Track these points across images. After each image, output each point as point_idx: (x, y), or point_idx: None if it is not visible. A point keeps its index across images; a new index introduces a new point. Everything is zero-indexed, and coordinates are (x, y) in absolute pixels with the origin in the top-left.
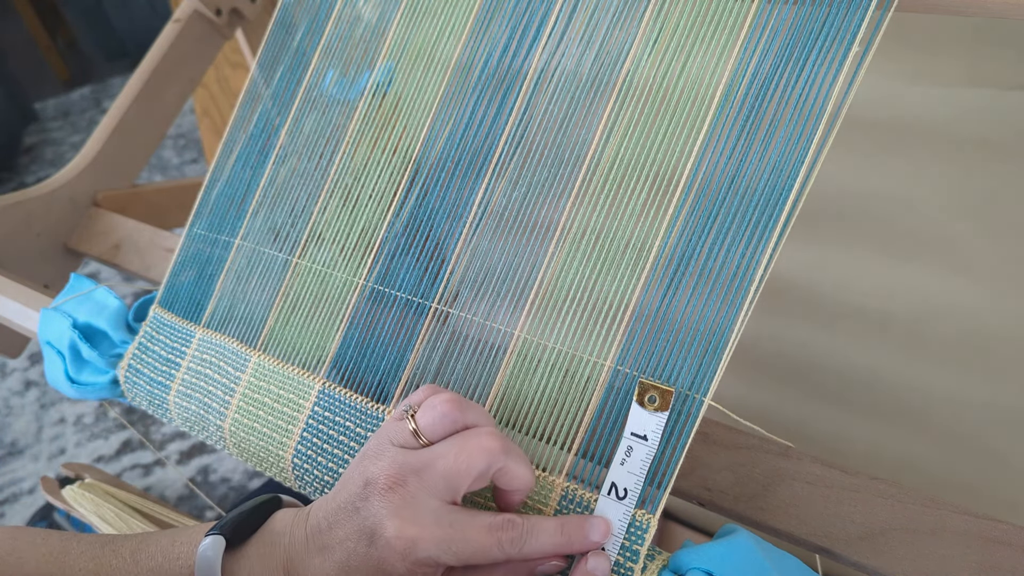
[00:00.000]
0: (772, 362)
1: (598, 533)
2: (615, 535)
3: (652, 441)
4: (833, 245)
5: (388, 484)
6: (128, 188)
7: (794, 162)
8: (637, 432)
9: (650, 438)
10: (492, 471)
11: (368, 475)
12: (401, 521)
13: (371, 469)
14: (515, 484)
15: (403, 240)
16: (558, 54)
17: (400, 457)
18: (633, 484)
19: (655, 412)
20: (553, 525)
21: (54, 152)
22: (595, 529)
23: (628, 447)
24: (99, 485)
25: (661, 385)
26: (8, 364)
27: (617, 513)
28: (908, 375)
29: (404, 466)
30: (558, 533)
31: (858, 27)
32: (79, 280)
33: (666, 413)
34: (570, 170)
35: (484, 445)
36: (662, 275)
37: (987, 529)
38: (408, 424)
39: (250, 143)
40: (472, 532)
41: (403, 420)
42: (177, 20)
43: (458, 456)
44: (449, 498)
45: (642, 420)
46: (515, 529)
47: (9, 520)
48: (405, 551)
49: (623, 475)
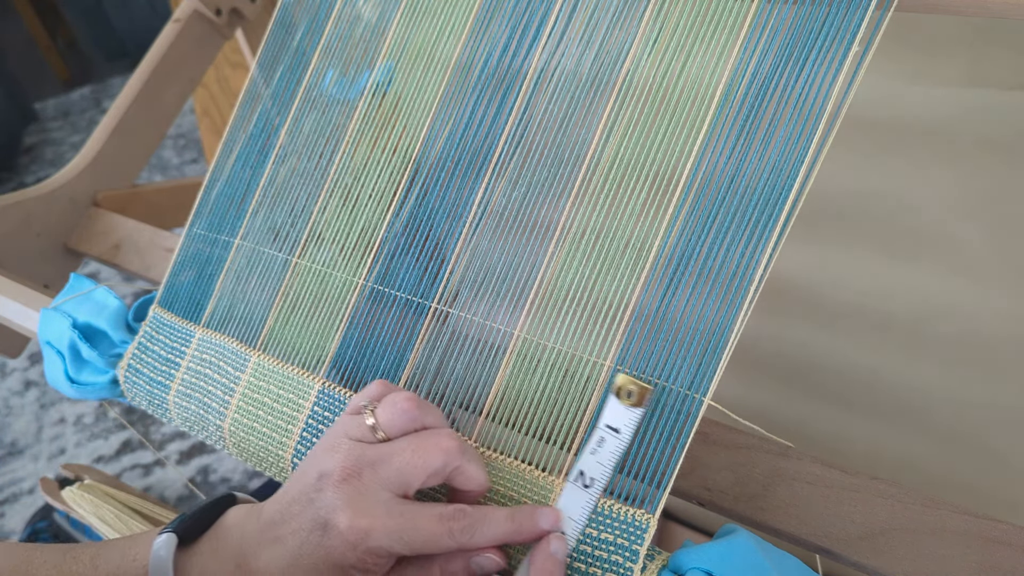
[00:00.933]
0: (772, 362)
1: (547, 521)
2: (577, 521)
3: (624, 435)
4: (833, 245)
5: (343, 476)
6: (128, 188)
7: (794, 162)
8: (612, 425)
9: (623, 432)
10: (448, 470)
11: (323, 468)
12: (354, 512)
13: (326, 462)
14: (470, 484)
15: (403, 240)
16: (558, 54)
17: (356, 450)
18: (600, 474)
19: (630, 407)
20: (504, 514)
21: (54, 152)
22: (544, 517)
23: (601, 438)
24: (98, 486)
25: (639, 381)
26: (8, 364)
27: (581, 500)
28: (908, 375)
29: (360, 459)
30: (508, 521)
31: (858, 27)
32: (79, 280)
33: (641, 409)
34: (570, 170)
35: (442, 445)
36: (662, 275)
37: (987, 529)
38: (367, 419)
39: (250, 143)
40: (423, 521)
41: (360, 415)
42: (177, 20)
43: (415, 452)
44: (401, 492)
45: (617, 414)
46: (466, 518)
47: (9, 520)
48: (357, 541)
49: (592, 464)
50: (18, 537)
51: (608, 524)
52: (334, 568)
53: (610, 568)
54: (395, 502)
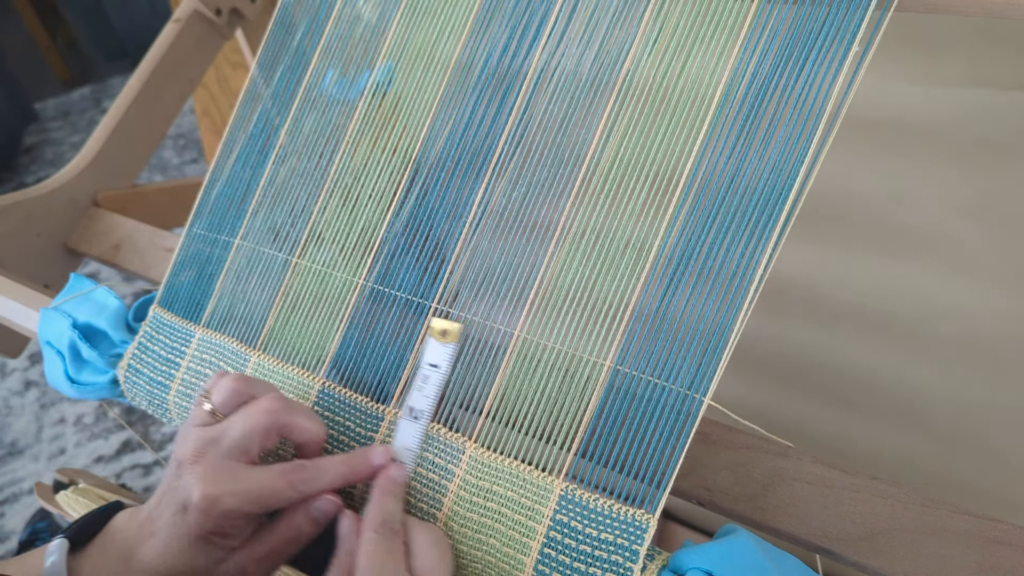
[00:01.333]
0: (772, 362)
1: (379, 457)
2: (411, 449)
3: (443, 369)
4: (833, 245)
5: (193, 459)
6: (128, 188)
7: (794, 162)
8: (432, 362)
9: (442, 367)
10: (277, 427)
11: (178, 457)
12: (204, 484)
13: (179, 452)
14: (305, 436)
15: (403, 240)
16: (558, 54)
17: (200, 434)
18: (427, 406)
19: (446, 344)
20: (338, 459)
21: (54, 152)
22: (376, 454)
23: (425, 375)
24: (92, 490)
25: (450, 322)
26: (8, 364)
27: (413, 431)
28: (908, 375)
29: (204, 440)
30: (343, 465)
31: (858, 27)
32: (79, 280)
33: (455, 344)
34: (570, 170)
35: (265, 407)
36: (662, 275)
37: (987, 529)
38: (205, 406)
39: (250, 143)
40: (266, 480)
41: (201, 405)
42: (177, 20)
43: (245, 420)
44: (246, 459)
45: (436, 352)
46: (304, 470)
47: (9, 520)
48: (210, 508)
49: (420, 399)
50: (18, 537)
51: (608, 524)
52: (197, 540)
53: (610, 568)
54: (241, 468)
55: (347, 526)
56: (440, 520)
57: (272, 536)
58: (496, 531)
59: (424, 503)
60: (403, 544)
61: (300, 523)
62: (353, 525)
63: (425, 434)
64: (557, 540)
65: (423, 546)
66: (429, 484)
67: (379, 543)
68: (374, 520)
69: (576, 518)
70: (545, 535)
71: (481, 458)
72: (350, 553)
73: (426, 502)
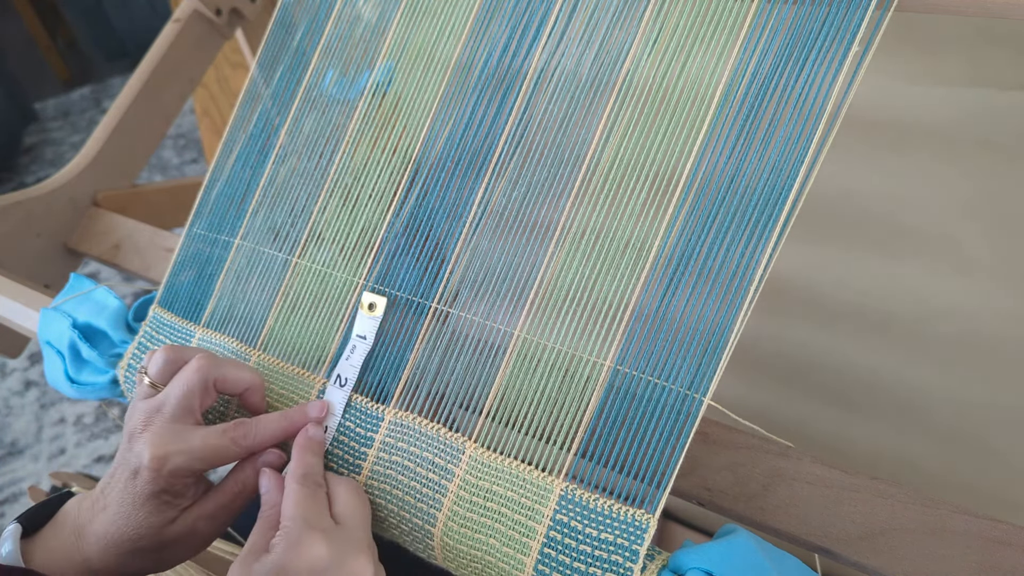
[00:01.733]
0: (772, 362)
1: (316, 410)
2: (335, 415)
3: (369, 340)
4: (833, 245)
5: (142, 428)
6: (128, 188)
7: (794, 162)
8: (360, 334)
9: (368, 337)
10: (210, 382)
11: (128, 430)
12: (153, 447)
13: (129, 426)
14: (240, 385)
15: (403, 240)
16: (558, 54)
17: (145, 406)
18: (352, 374)
19: (372, 316)
20: (277, 415)
21: (54, 152)
22: (313, 408)
23: (353, 346)
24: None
25: (378, 296)
26: (8, 364)
27: (339, 397)
28: (908, 375)
29: (148, 410)
30: (282, 419)
31: (858, 27)
32: (79, 280)
33: (379, 316)
34: (570, 170)
35: (194, 367)
36: (662, 275)
37: (987, 529)
38: (144, 380)
39: (250, 143)
40: (209, 438)
41: (141, 381)
42: (177, 20)
43: (180, 383)
44: (191, 420)
45: (364, 324)
46: (244, 426)
47: (9, 520)
48: (159, 467)
49: (347, 368)
50: None
51: (608, 524)
52: (148, 500)
53: (610, 568)
54: (186, 429)
55: (269, 482)
56: (441, 520)
57: (220, 493)
58: (496, 531)
59: (424, 503)
60: (325, 496)
61: (246, 478)
62: (276, 481)
63: (348, 400)
64: (557, 540)
65: (343, 495)
66: (429, 484)
67: (303, 492)
68: (297, 473)
69: (576, 518)
70: (545, 535)
71: (481, 458)
72: (274, 506)
73: (426, 502)
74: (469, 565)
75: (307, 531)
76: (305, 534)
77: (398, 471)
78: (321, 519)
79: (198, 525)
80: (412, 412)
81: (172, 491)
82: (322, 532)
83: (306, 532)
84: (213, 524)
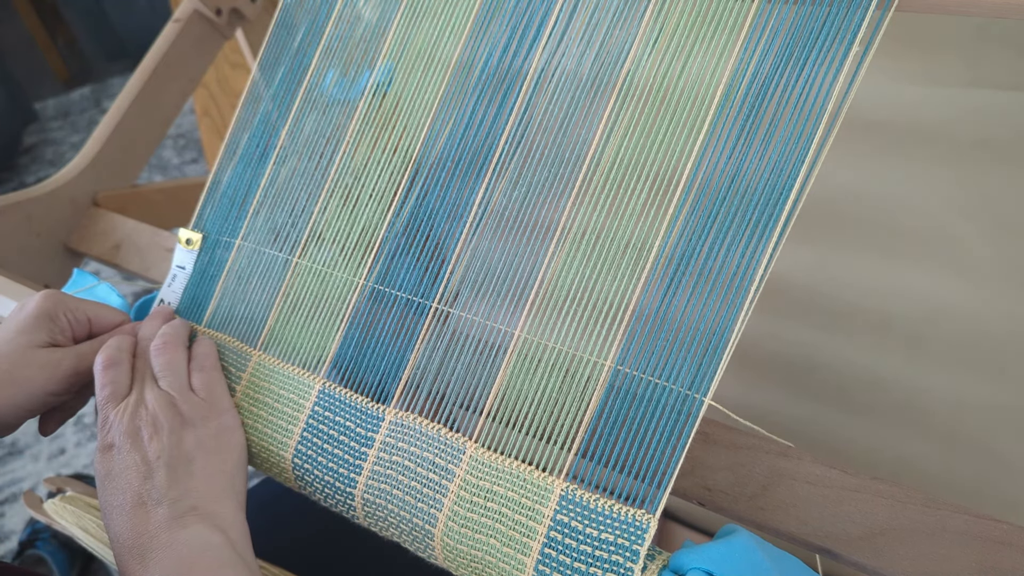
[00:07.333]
0: (772, 362)
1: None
2: (155, 320)
3: (188, 270)
4: (833, 245)
5: None
6: (128, 188)
7: (794, 162)
8: (180, 264)
9: (187, 268)
10: (61, 314)
11: None
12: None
13: None
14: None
15: (403, 240)
16: (558, 54)
17: None
18: (175, 299)
19: (190, 251)
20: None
21: (54, 152)
22: (159, 314)
23: (174, 275)
24: (80, 498)
25: (195, 233)
26: None
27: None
28: (908, 375)
29: None
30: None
31: (858, 27)
32: (82, 276)
33: (196, 251)
34: (570, 170)
35: (33, 305)
36: (662, 275)
37: (987, 529)
38: None
39: (251, 143)
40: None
41: None
42: (177, 20)
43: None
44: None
45: (183, 256)
46: None
47: (9, 520)
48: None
49: (169, 293)
50: (18, 537)
51: (608, 524)
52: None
53: (610, 568)
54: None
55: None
56: (441, 520)
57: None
58: (497, 531)
59: (425, 503)
60: (186, 350)
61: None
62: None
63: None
64: (557, 540)
65: (201, 345)
66: (430, 484)
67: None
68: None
69: (576, 518)
70: (545, 535)
71: (481, 458)
72: (135, 333)
73: (427, 502)
74: (469, 565)
75: None
76: None
77: (399, 471)
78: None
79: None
80: (412, 412)
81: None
82: None
83: None
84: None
